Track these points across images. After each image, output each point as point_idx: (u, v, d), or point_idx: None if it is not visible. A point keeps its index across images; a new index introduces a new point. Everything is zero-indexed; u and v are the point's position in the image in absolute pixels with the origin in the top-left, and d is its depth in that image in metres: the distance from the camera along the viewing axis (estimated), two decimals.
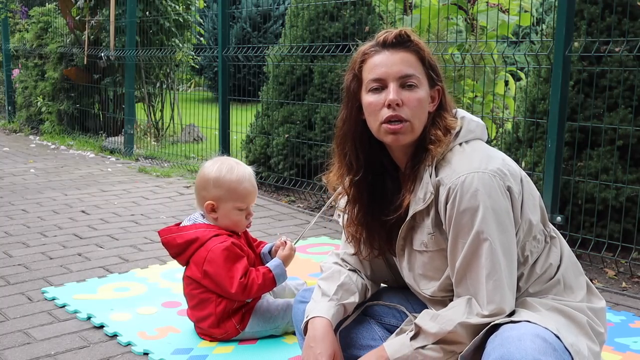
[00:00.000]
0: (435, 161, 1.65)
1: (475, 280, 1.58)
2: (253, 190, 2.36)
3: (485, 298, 1.56)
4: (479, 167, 1.59)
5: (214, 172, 2.33)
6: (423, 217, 1.68)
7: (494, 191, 1.56)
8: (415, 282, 1.76)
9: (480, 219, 1.55)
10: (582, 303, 1.67)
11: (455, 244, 1.61)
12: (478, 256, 1.57)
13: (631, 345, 2.33)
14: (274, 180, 4.81)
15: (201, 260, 2.26)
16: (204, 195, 2.35)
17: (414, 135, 1.67)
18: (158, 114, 7.14)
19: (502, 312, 1.56)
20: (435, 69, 1.71)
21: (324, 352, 1.73)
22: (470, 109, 4.16)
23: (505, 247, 1.57)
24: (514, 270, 1.60)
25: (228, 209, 2.32)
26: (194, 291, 2.33)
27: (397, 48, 1.67)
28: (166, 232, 2.35)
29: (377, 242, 1.83)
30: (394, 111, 1.63)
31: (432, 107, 1.71)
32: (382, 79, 1.65)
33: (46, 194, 4.70)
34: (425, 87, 1.68)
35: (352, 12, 4.57)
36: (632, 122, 3.16)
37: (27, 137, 7.94)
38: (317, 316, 1.79)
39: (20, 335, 2.36)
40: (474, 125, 1.72)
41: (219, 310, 2.28)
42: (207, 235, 2.29)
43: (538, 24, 4.59)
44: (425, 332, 1.60)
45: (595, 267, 3.18)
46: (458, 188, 1.58)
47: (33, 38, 8.13)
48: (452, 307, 1.62)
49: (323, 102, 4.56)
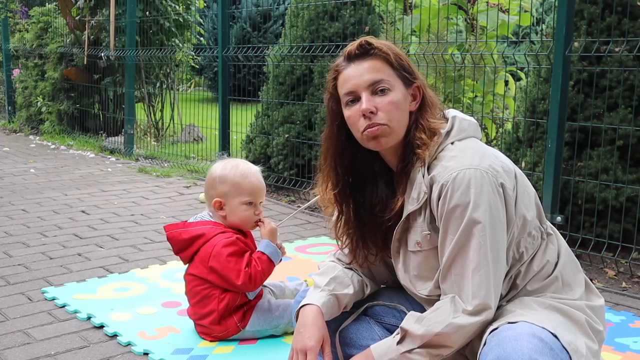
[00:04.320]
0: (426, 162, 1.66)
1: (461, 274, 1.58)
2: (259, 185, 2.36)
3: (470, 292, 1.56)
4: (471, 163, 1.60)
5: (219, 170, 2.37)
6: (416, 217, 1.69)
7: (485, 187, 1.57)
8: (411, 283, 1.76)
9: (470, 215, 1.56)
10: (581, 301, 1.67)
11: (445, 239, 1.61)
12: (465, 251, 1.58)
13: (631, 345, 2.33)
14: (274, 180, 4.81)
15: (207, 256, 2.27)
16: (211, 194, 2.37)
17: (397, 137, 1.69)
18: (158, 114, 7.15)
19: (487, 307, 1.56)
20: (406, 68, 1.71)
21: (312, 336, 1.74)
22: (470, 109, 4.16)
23: (494, 243, 1.57)
24: (501, 267, 1.60)
25: (235, 204, 2.33)
26: (196, 288, 2.32)
27: (362, 58, 1.70)
28: (172, 228, 2.36)
29: (372, 248, 1.85)
30: (369, 120, 1.66)
31: (414, 106, 1.72)
32: (353, 91, 1.69)
33: (46, 194, 4.70)
34: (399, 88, 1.69)
35: (352, 12, 4.57)
36: (632, 122, 3.16)
37: (27, 137, 7.94)
38: (307, 304, 1.80)
39: (20, 335, 2.36)
40: (465, 124, 1.72)
41: (222, 307, 2.29)
42: (213, 232, 2.30)
43: (538, 24, 4.59)
44: (411, 335, 1.60)
45: (595, 267, 3.18)
46: (450, 184, 1.59)
47: (33, 38, 8.13)
48: (437, 309, 1.61)
49: (323, 102, 4.55)
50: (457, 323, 1.56)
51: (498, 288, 1.60)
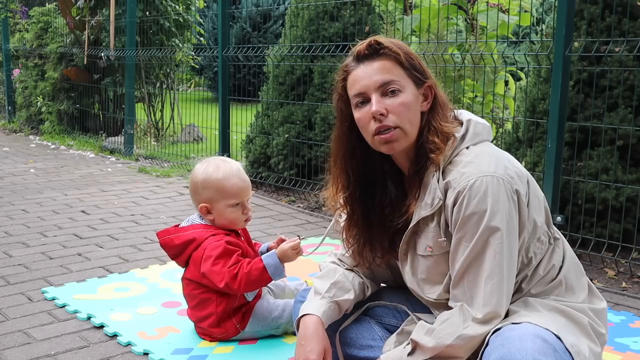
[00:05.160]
0: (441, 167, 1.64)
1: (474, 282, 1.58)
2: (243, 185, 2.32)
3: (481, 300, 1.56)
4: (487, 170, 1.58)
5: (200, 174, 2.32)
6: (427, 222, 1.67)
7: (502, 196, 1.55)
8: (419, 287, 1.74)
9: (487, 223, 1.55)
10: (584, 304, 1.67)
11: (458, 246, 1.60)
12: (481, 259, 1.57)
13: (631, 345, 2.32)
14: (274, 180, 4.81)
15: (198, 261, 2.26)
16: (197, 199, 2.34)
17: (409, 140, 1.66)
18: (158, 114, 7.14)
19: (497, 316, 1.56)
20: (417, 68, 1.68)
21: (314, 349, 1.74)
22: (470, 109, 4.16)
23: (508, 252, 1.57)
24: (513, 275, 1.60)
25: (221, 208, 2.30)
26: (194, 292, 2.33)
27: (372, 58, 1.66)
28: (164, 234, 2.35)
29: (379, 250, 1.83)
30: (380, 122, 1.63)
31: (425, 106, 1.69)
32: (363, 93, 1.66)
33: (46, 194, 4.70)
34: (410, 89, 1.66)
35: (352, 12, 4.57)
36: (632, 122, 3.16)
37: (27, 137, 7.94)
38: (307, 314, 1.80)
39: (20, 335, 2.36)
40: (480, 128, 1.70)
41: (220, 310, 2.28)
42: (203, 236, 2.29)
43: (538, 24, 4.59)
44: (422, 347, 1.59)
45: (595, 267, 3.18)
46: (467, 191, 1.57)
47: (33, 38, 8.13)
48: (446, 320, 1.60)
49: (323, 102, 4.56)
50: (467, 334, 1.55)
51: (509, 296, 1.59)
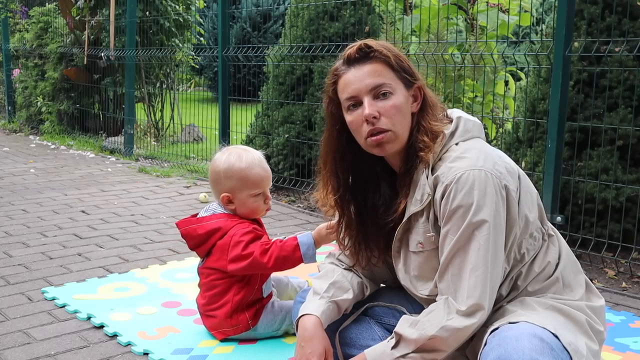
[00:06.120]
0: (430, 164, 1.66)
1: (458, 274, 1.58)
2: (265, 174, 2.33)
3: (465, 293, 1.56)
4: (475, 164, 1.59)
5: (222, 164, 2.32)
6: (418, 218, 1.69)
7: (489, 189, 1.57)
8: (412, 284, 1.75)
9: (472, 216, 1.56)
10: (581, 301, 1.67)
11: (445, 239, 1.61)
12: (464, 251, 1.57)
13: (631, 345, 2.32)
14: (274, 180, 4.80)
15: (226, 248, 2.24)
16: (218, 189, 2.33)
17: (401, 142, 1.68)
18: (158, 114, 7.14)
19: (480, 308, 1.56)
20: (406, 70, 1.70)
21: (314, 351, 1.75)
22: (470, 109, 4.16)
23: (493, 246, 1.57)
24: (498, 270, 1.60)
25: (244, 197, 2.30)
26: (214, 282, 2.29)
27: (362, 61, 1.68)
28: (186, 224, 2.33)
29: (375, 250, 1.84)
30: (372, 125, 1.65)
31: (415, 107, 1.71)
32: (355, 96, 1.68)
33: (46, 194, 4.70)
34: (401, 91, 1.68)
35: (352, 12, 4.57)
36: (632, 122, 3.16)
37: (27, 137, 7.94)
38: (306, 314, 1.80)
39: (20, 335, 2.36)
40: (470, 125, 1.72)
41: (237, 299, 2.26)
42: (229, 225, 2.27)
43: (538, 24, 4.60)
44: (405, 339, 1.60)
45: (595, 267, 3.18)
46: (454, 184, 1.58)
47: (33, 38, 8.13)
48: (430, 312, 1.61)
49: (323, 103, 4.56)
50: (450, 325, 1.56)
51: (494, 290, 1.59)
